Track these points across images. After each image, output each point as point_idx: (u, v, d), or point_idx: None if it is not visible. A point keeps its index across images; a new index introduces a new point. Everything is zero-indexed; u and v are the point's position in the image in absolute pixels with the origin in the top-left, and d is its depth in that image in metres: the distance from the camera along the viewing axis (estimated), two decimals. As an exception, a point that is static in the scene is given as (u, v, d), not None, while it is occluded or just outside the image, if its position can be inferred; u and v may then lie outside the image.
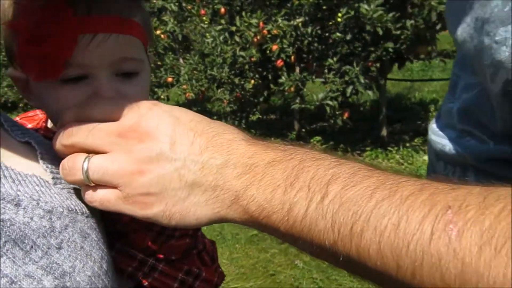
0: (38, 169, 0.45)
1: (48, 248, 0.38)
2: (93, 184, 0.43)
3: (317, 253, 0.38)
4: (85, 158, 0.42)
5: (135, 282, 0.57)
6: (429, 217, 0.32)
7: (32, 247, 0.36)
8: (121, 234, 0.56)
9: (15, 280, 0.34)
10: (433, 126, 0.69)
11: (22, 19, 0.47)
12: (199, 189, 0.40)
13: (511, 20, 0.46)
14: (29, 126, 0.60)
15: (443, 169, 0.63)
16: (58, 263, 0.38)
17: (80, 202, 0.46)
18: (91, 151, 0.43)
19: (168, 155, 0.41)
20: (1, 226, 0.35)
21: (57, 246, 0.38)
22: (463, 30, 0.57)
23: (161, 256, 0.59)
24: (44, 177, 0.44)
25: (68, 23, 0.46)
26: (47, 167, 0.45)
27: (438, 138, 0.66)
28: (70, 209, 0.43)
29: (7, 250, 0.35)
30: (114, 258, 0.54)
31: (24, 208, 0.38)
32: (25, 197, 0.39)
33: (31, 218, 0.38)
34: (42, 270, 0.36)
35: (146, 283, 0.57)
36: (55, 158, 0.46)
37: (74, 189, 0.47)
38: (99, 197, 0.43)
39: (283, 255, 2.58)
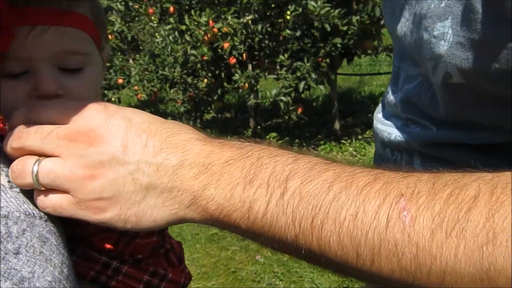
0: None
1: (6, 254, 0.37)
2: (43, 189, 0.41)
3: (279, 247, 0.39)
4: (35, 162, 0.41)
5: (99, 286, 0.56)
6: (384, 205, 0.33)
7: None
8: (82, 237, 0.54)
9: None
10: (378, 116, 0.72)
11: None
12: (155, 191, 0.40)
13: (448, 15, 0.48)
14: None
15: (391, 155, 0.66)
16: (16, 269, 0.37)
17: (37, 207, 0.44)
18: (41, 155, 0.41)
19: (120, 158, 0.40)
20: None
21: (14, 251, 0.37)
22: (403, 25, 0.60)
23: (127, 257, 0.58)
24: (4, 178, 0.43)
25: (5, 14, 0.43)
26: (2, 170, 0.44)
27: (384, 126, 0.68)
28: (27, 213, 0.41)
29: None
30: (76, 262, 0.52)
31: None
32: None
33: None
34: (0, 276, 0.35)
35: (110, 286, 0.56)
36: (10, 161, 0.44)
37: (32, 193, 0.45)
38: (51, 203, 0.42)
39: (244, 251, 2.60)
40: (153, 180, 0.40)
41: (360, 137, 4.12)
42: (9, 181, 0.43)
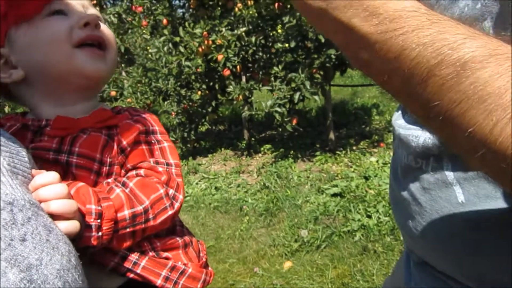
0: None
1: (11, 240, 0.35)
2: None
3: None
4: None
5: (121, 276, 0.57)
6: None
7: None
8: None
9: None
10: (398, 122, 0.68)
11: None
12: None
13: (486, 15, 0.46)
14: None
15: (414, 163, 0.61)
16: (23, 255, 0.35)
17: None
18: None
19: None
20: None
21: (20, 238, 0.36)
22: None
23: (146, 245, 0.60)
24: (6, 167, 0.42)
25: None
26: (4, 159, 0.42)
27: (409, 131, 0.64)
28: (32, 202, 0.40)
29: None
30: (95, 253, 0.54)
31: None
32: None
33: None
34: (6, 263, 0.34)
35: (130, 276, 0.57)
36: (12, 151, 0.44)
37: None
38: None
39: (242, 264, 2.55)
40: None
41: (354, 147, 4.12)
42: (11, 171, 0.42)
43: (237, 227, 2.97)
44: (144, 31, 4.59)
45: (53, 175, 0.47)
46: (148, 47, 4.55)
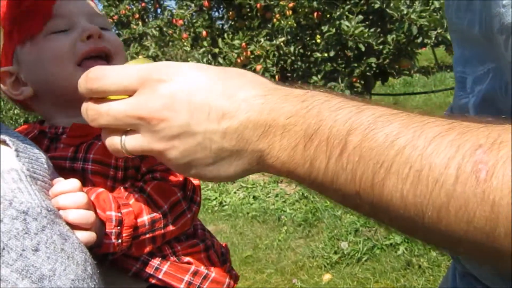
0: (18, 163, 0.43)
1: (23, 250, 0.34)
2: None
3: (343, 203, 0.39)
4: (120, 140, 0.46)
5: (144, 281, 0.57)
6: (455, 158, 0.30)
7: (4, 249, 0.33)
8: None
9: None
10: None
11: None
12: (224, 154, 0.43)
13: None
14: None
15: None
16: (36, 266, 0.34)
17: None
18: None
19: (187, 131, 0.43)
20: None
21: (33, 248, 0.35)
22: (472, 15, 0.56)
23: (166, 249, 0.59)
24: (25, 172, 0.42)
25: None
26: (23, 164, 0.42)
27: None
28: (49, 209, 0.39)
29: None
30: (117, 259, 0.54)
31: None
32: None
33: (1, 220, 0.35)
34: (17, 274, 0.33)
35: (151, 283, 0.57)
36: (31, 157, 0.44)
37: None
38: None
39: (280, 274, 2.51)
40: (221, 145, 0.43)
41: (396, 158, 4.00)
42: (31, 176, 0.42)
43: (275, 237, 2.94)
44: (185, 43, 4.69)
45: (74, 183, 0.47)
46: (188, 59, 4.64)
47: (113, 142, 0.46)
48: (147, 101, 0.43)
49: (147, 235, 0.54)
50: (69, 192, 0.46)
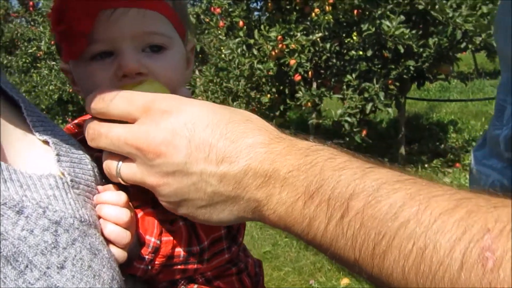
0: (58, 168, 0.41)
1: (47, 268, 0.32)
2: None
3: (341, 264, 0.38)
4: (117, 165, 0.45)
5: None
6: (462, 241, 0.28)
7: (27, 266, 0.32)
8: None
9: None
10: (475, 154, 0.65)
11: (52, 4, 0.51)
12: (220, 198, 0.42)
13: None
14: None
15: None
16: (58, 286, 0.32)
17: (94, 213, 0.42)
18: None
19: (183, 169, 0.41)
20: None
21: (59, 265, 0.33)
22: None
23: (197, 276, 0.55)
24: (64, 178, 0.40)
25: None
26: (64, 169, 0.41)
27: (483, 168, 0.61)
28: (82, 220, 0.38)
29: None
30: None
31: (26, 217, 0.33)
32: (31, 204, 0.34)
33: (31, 231, 0.33)
34: None
35: None
36: (74, 160, 0.43)
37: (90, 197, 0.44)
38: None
39: (297, 274, 2.49)
40: (217, 189, 0.41)
41: (426, 165, 3.89)
42: (71, 181, 0.41)
43: (295, 235, 2.91)
44: (220, 32, 4.68)
45: (121, 198, 0.46)
46: (222, 48, 4.63)
47: (109, 166, 0.45)
48: (147, 132, 0.42)
49: (179, 266, 0.52)
50: (115, 205, 0.44)
